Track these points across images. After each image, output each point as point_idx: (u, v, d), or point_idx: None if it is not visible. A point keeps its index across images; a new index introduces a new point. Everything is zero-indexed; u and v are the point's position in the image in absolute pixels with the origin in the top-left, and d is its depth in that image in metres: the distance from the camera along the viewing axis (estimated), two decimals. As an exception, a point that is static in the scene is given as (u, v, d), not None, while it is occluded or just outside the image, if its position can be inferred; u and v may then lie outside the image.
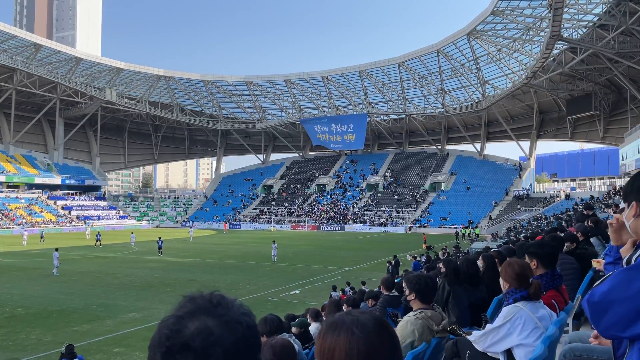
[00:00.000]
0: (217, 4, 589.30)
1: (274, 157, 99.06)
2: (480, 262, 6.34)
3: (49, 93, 70.09)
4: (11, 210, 65.55)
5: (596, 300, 1.54)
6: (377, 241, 48.92)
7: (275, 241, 33.99)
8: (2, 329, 14.86)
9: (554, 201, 60.52)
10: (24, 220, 63.42)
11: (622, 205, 2.02)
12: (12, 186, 71.15)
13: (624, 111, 56.34)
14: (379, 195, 76.33)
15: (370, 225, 66.25)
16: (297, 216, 73.48)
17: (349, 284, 19.26)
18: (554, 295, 4.01)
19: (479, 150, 78.95)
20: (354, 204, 74.78)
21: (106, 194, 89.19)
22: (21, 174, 71.28)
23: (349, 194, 78.89)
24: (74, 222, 68.54)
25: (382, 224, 66.36)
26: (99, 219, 71.87)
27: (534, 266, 4.15)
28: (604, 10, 42.66)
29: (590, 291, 1.59)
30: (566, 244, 6.35)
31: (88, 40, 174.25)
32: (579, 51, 48.07)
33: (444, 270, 6.00)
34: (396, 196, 74.38)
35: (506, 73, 64.09)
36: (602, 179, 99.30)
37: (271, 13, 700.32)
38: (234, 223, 74.12)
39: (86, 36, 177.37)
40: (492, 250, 9.83)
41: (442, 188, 73.39)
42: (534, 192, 68.58)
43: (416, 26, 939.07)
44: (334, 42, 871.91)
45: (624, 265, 1.88)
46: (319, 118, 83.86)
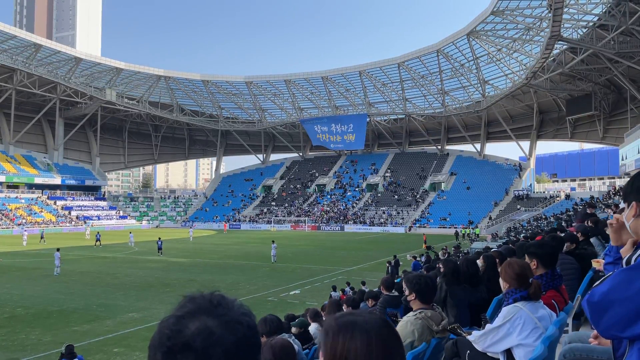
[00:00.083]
0: (217, 4, 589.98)
1: (274, 157, 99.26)
2: (480, 262, 6.34)
3: (48, 93, 70.09)
4: (11, 210, 65.55)
5: (596, 300, 1.54)
6: (377, 241, 48.92)
7: (274, 241, 33.77)
8: (2, 329, 14.86)
9: (554, 201, 60.54)
10: (23, 221, 63.41)
11: (622, 205, 2.02)
12: (12, 186, 71.15)
13: (623, 111, 56.35)
14: (379, 195, 76.34)
15: (370, 226, 66.25)
16: (297, 216, 73.48)
17: (348, 284, 19.26)
18: (553, 296, 4.01)
19: (478, 150, 78.96)
20: (354, 204, 74.78)
21: (106, 194, 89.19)
22: (21, 174, 71.28)
23: (348, 194, 78.90)
24: (73, 222, 68.54)
25: (382, 224, 66.36)
26: (98, 219, 71.87)
27: (533, 266, 4.14)
28: (603, 10, 42.66)
29: (590, 291, 1.59)
30: (566, 244, 6.35)
31: (88, 40, 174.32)
32: (579, 51, 48.08)
33: (442, 270, 6.00)
34: (396, 196, 74.38)
35: (506, 73, 64.09)
36: (602, 179, 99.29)
37: (271, 13, 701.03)
38: (234, 223, 74.12)
39: (86, 36, 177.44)
40: (493, 250, 9.83)
41: (442, 188, 73.40)
42: (533, 192, 68.58)
43: (416, 26, 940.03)
44: (334, 42, 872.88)
45: (623, 265, 1.88)
46: (318, 118, 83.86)
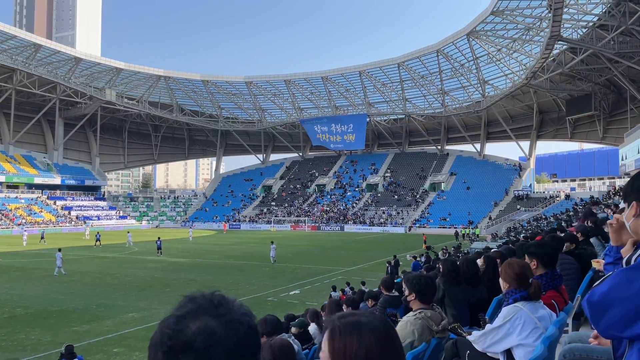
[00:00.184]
0: (217, 4, 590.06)
1: (274, 157, 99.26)
2: (480, 262, 6.34)
3: (48, 93, 70.07)
4: (11, 210, 65.53)
5: (596, 300, 1.54)
6: (377, 241, 48.90)
7: (273, 242, 33.54)
8: (2, 329, 14.85)
9: (554, 201, 60.54)
10: (23, 221, 63.40)
11: (622, 205, 2.02)
12: (12, 186, 71.13)
13: (623, 111, 56.35)
14: (379, 195, 76.34)
15: (370, 226, 66.24)
16: (296, 216, 73.47)
17: (348, 284, 19.25)
18: (553, 296, 4.01)
19: (478, 150, 78.96)
20: (354, 204, 74.77)
21: (106, 194, 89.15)
22: (21, 174, 71.27)
23: (348, 194, 78.90)
24: (73, 222, 68.53)
25: (381, 224, 66.35)
26: (98, 219, 71.85)
27: (533, 266, 4.14)
28: (603, 10, 42.66)
29: (590, 291, 1.59)
30: (565, 244, 6.35)
31: (88, 40, 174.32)
32: (579, 51, 48.09)
33: (441, 270, 6.01)
34: (396, 196, 74.38)
35: (506, 73, 64.10)
36: (602, 179, 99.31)
37: (271, 13, 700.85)
38: (234, 223, 74.11)
39: (86, 36, 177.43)
40: (493, 251, 9.83)
41: (442, 188, 73.40)
42: (533, 192, 68.57)
43: (416, 26, 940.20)
44: (333, 42, 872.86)
45: (623, 265, 1.88)
46: (318, 118, 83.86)
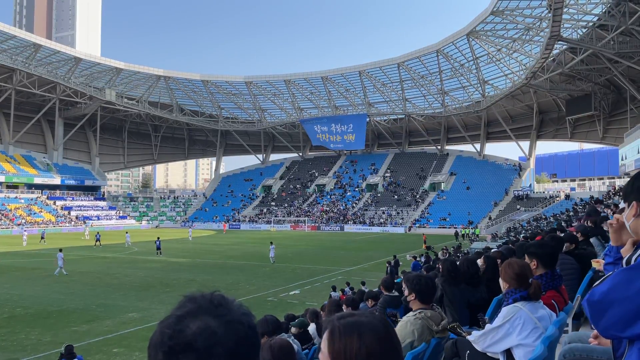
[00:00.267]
0: (217, 4, 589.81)
1: (274, 157, 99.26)
2: (480, 262, 6.34)
3: (48, 93, 70.05)
4: (10, 210, 65.52)
5: (596, 300, 1.54)
6: (377, 241, 48.89)
7: (272, 242, 33.30)
8: (2, 329, 14.85)
9: (554, 201, 60.54)
10: (23, 221, 63.39)
11: (622, 205, 2.02)
12: (12, 186, 71.11)
13: (623, 111, 56.37)
14: (379, 195, 76.34)
15: (369, 226, 66.24)
16: (296, 216, 73.46)
17: (348, 284, 19.24)
18: (553, 296, 4.01)
19: (478, 150, 78.97)
20: (354, 204, 74.77)
21: (106, 194, 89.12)
22: (20, 174, 71.25)
23: (348, 194, 78.90)
24: (73, 223, 68.51)
25: (381, 224, 66.35)
26: (98, 219, 71.84)
27: (533, 266, 4.14)
28: (603, 10, 42.68)
29: (590, 291, 1.59)
30: (565, 244, 6.34)
31: (87, 40, 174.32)
32: (579, 51, 48.10)
33: (440, 270, 6.01)
34: (396, 196, 74.38)
35: (506, 73, 64.11)
36: (602, 179, 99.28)
37: (271, 13, 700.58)
38: (234, 223, 74.10)
39: (86, 36, 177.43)
40: (493, 251, 9.83)
41: (442, 188, 73.41)
42: (533, 192, 68.56)
43: (416, 26, 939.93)
44: (333, 42, 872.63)
45: (624, 265, 1.88)
46: (318, 118, 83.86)
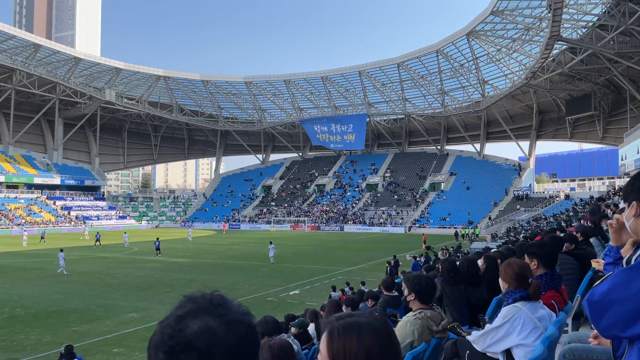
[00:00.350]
0: (217, 4, 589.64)
1: (274, 157, 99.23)
2: (480, 262, 6.33)
3: (48, 93, 70.04)
4: (10, 210, 65.50)
5: (596, 300, 1.54)
6: (377, 241, 48.89)
7: (272, 242, 33.17)
8: (2, 329, 14.84)
9: (554, 201, 60.54)
10: (23, 221, 63.37)
11: (622, 205, 2.02)
12: (12, 186, 71.11)
13: (623, 111, 56.38)
14: (379, 195, 76.33)
15: (369, 226, 66.23)
16: (296, 216, 73.45)
17: (348, 284, 19.23)
18: (553, 296, 4.01)
19: (478, 150, 78.97)
20: (354, 204, 74.77)
21: (105, 194, 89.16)
22: (20, 174, 71.24)
23: (348, 194, 78.89)
24: (73, 223, 68.50)
25: (381, 224, 66.34)
26: (98, 219, 71.84)
27: (534, 266, 4.14)
28: (603, 10, 42.70)
29: (590, 291, 1.59)
30: (565, 244, 6.34)
31: (87, 40, 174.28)
32: (579, 51, 48.10)
33: (439, 270, 6.02)
34: (396, 196, 74.38)
35: (506, 73, 64.11)
36: (602, 179, 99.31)
37: (271, 13, 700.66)
38: (234, 223, 74.09)
39: (85, 36, 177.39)
40: (493, 251, 9.83)
41: (442, 188, 73.41)
42: (533, 192, 68.57)
43: (416, 26, 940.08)
44: (333, 42, 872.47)
45: (624, 265, 1.88)
46: (318, 118, 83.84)
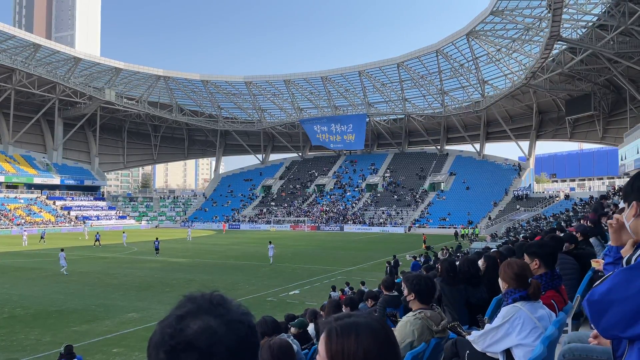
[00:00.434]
0: (216, 4, 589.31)
1: (273, 157, 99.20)
2: (481, 262, 6.33)
3: (48, 93, 70.02)
4: (10, 210, 65.48)
5: (596, 300, 1.53)
6: (377, 241, 48.89)
7: (271, 242, 32.99)
8: (1, 329, 14.84)
9: (553, 201, 60.54)
10: (22, 221, 63.35)
11: (621, 205, 2.02)
12: (11, 186, 71.09)
13: (623, 111, 56.39)
14: (379, 195, 76.33)
15: (369, 226, 66.23)
16: (296, 216, 73.44)
17: (348, 284, 19.23)
18: (553, 296, 4.01)
19: (478, 150, 78.97)
20: (354, 204, 74.77)
21: (105, 194, 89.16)
22: (20, 174, 71.21)
23: (348, 194, 78.89)
24: (73, 223, 68.48)
25: (381, 224, 66.34)
26: (98, 219, 71.82)
27: (536, 266, 4.14)
28: (603, 10, 42.70)
29: (590, 291, 1.58)
30: (565, 244, 6.34)
31: (87, 40, 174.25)
32: (578, 51, 48.11)
33: (439, 271, 6.02)
34: (395, 196, 74.38)
35: (505, 73, 64.10)
36: (602, 179, 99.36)
37: (270, 13, 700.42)
38: (234, 223, 74.09)
39: (85, 36, 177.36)
40: (493, 251, 9.83)
41: (442, 188, 73.41)
42: (533, 192, 68.56)
43: (415, 26, 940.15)
44: (333, 42, 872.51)
45: (623, 265, 1.88)
46: (318, 118, 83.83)
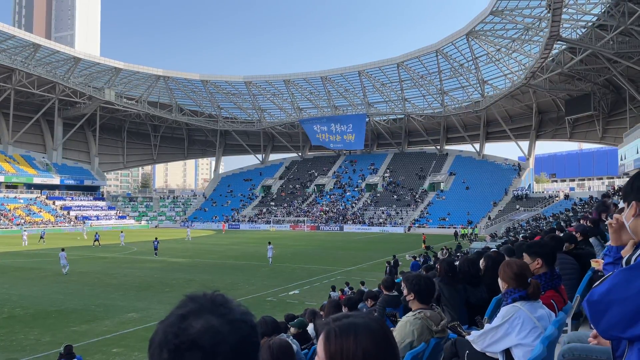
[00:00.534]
0: (216, 4, 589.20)
1: (273, 157, 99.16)
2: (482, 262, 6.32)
3: (47, 93, 70.00)
4: (10, 210, 65.46)
5: (595, 300, 1.53)
6: (376, 241, 48.89)
7: (270, 242, 32.49)
8: (1, 329, 14.84)
9: (553, 201, 60.57)
10: (22, 221, 63.33)
11: (621, 205, 2.02)
12: (11, 186, 71.07)
13: (622, 111, 56.40)
14: (378, 195, 76.33)
15: (369, 226, 66.23)
16: (296, 216, 73.44)
17: (348, 284, 19.22)
18: (552, 295, 4.01)
19: (478, 150, 78.97)
20: (353, 204, 74.77)
21: (105, 194, 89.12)
22: (20, 174, 71.19)
23: (348, 194, 78.89)
24: (72, 223, 68.46)
25: (381, 224, 66.34)
26: (97, 219, 71.81)
27: (538, 265, 4.15)
28: (602, 10, 42.70)
29: (590, 291, 1.58)
30: (565, 244, 6.34)
31: (87, 40, 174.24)
32: (578, 51, 48.12)
33: (438, 271, 6.02)
34: (395, 196, 74.39)
35: (505, 73, 64.10)
36: (601, 179, 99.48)
37: (270, 13, 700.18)
38: (233, 223, 74.08)
39: (85, 36, 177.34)
40: (492, 250, 9.82)
41: (441, 188, 73.42)
42: (533, 192, 68.62)
43: (415, 26, 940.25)
44: (333, 42, 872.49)
45: (623, 265, 1.88)
46: (318, 118, 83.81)
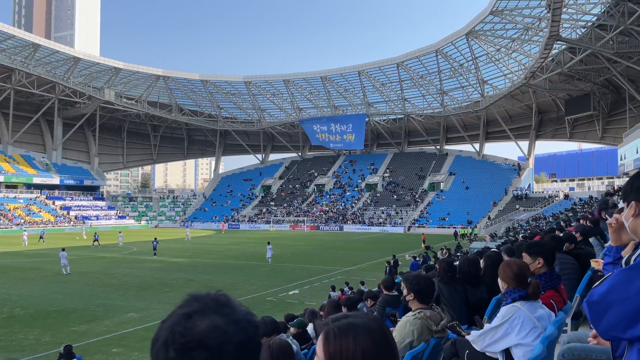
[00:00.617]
0: (216, 4, 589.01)
1: (273, 157, 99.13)
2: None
3: (47, 93, 69.99)
4: (10, 210, 65.45)
5: (595, 301, 1.53)
6: (376, 241, 48.90)
7: (270, 242, 32.41)
8: (1, 329, 14.84)
9: (553, 201, 60.59)
10: (22, 221, 63.32)
11: (621, 205, 2.02)
12: (11, 186, 71.06)
13: (622, 111, 56.42)
14: (378, 195, 76.34)
15: (369, 225, 66.23)
16: (296, 216, 73.44)
17: (347, 284, 19.22)
18: (552, 295, 4.01)
19: (477, 150, 78.97)
20: (353, 204, 74.77)
21: (105, 194, 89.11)
22: (19, 174, 71.18)
23: (347, 194, 78.89)
24: (72, 222, 68.45)
25: (381, 224, 66.35)
26: (97, 219, 71.80)
27: (539, 265, 4.15)
28: (602, 10, 42.73)
29: (590, 292, 1.58)
30: (565, 244, 6.34)
31: (87, 40, 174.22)
32: (578, 51, 48.13)
33: (437, 271, 6.03)
34: (395, 196, 74.39)
35: (505, 73, 64.11)
36: (601, 179, 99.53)
37: (270, 13, 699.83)
38: (233, 223, 74.07)
39: (85, 36, 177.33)
40: (492, 250, 9.82)
41: (441, 188, 73.42)
42: (532, 192, 68.64)
43: (415, 26, 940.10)
44: (333, 42, 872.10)
45: (623, 265, 1.88)
46: (318, 118, 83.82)
